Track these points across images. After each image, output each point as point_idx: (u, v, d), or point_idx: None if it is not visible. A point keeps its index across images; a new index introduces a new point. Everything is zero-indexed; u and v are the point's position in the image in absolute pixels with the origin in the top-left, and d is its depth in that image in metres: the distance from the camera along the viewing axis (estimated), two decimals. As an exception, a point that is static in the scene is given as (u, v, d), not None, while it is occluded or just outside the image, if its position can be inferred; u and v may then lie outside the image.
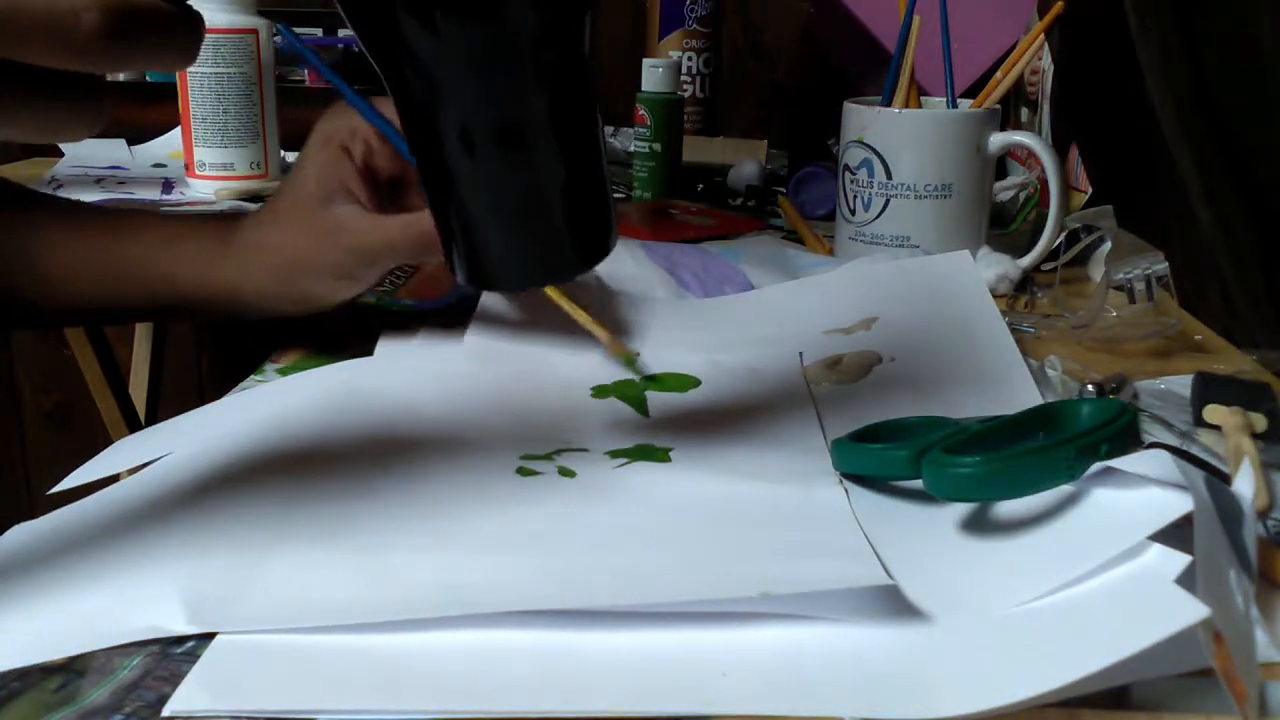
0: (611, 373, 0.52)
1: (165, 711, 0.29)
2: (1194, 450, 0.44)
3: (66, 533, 0.39)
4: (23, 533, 0.39)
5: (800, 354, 0.54)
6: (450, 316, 0.60)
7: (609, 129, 1.21)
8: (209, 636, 0.32)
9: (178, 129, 0.97)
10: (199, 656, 0.31)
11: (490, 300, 0.63)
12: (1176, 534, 0.31)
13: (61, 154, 1.07)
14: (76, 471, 0.45)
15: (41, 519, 0.40)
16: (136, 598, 0.34)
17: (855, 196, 0.70)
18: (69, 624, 0.33)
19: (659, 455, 0.44)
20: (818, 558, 0.35)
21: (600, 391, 0.50)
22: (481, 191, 0.37)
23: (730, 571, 0.34)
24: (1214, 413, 0.46)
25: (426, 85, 0.36)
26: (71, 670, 0.31)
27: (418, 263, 0.70)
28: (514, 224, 0.38)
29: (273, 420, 0.46)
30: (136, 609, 0.33)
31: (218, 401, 0.49)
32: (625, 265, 0.65)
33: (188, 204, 1.01)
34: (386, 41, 0.35)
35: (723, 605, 0.32)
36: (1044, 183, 0.71)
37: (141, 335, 1.50)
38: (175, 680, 0.30)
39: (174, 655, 0.32)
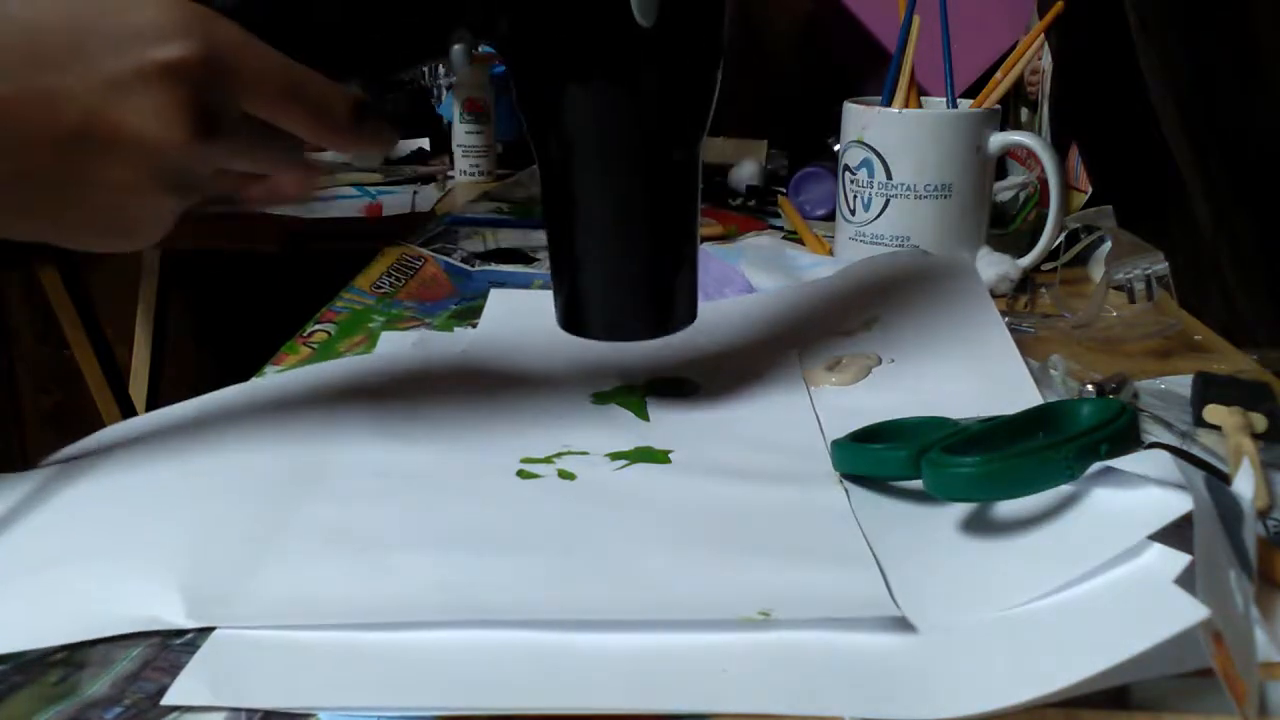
0: (612, 379, 0.52)
1: (163, 702, 0.29)
2: (1194, 450, 0.44)
3: (68, 522, 0.39)
4: (21, 506, 0.39)
5: (800, 356, 0.54)
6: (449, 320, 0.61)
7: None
8: (208, 628, 0.32)
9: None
10: (199, 648, 0.31)
11: (493, 308, 0.63)
12: (1176, 534, 0.31)
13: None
14: (70, 448, 0.45)
15: (45, 502, 0.40)
16: (137, 589, 0.34)
17: (855, 196, 0.70)
18: (69, 612, 0.33)
19: (659, 457, 0.44)
20: (819, 567, 0.35)
21: (600, 398, 0.50)
22: (594, 254, 0.46)
23: (732, 581, 0.34)
24: (1214, 413, 0.46)
25: (564, 152, 0.44)
26: (71, 663, 0.31)
27: None
28: (613, 285, 0.46)
29: (273, 417, 0.46)
30: (137, 600, 0.33)
31: (215, 392, 0.49)
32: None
33: (188, 205, 1.01)
34: (538, 109, 0.44)
35: (723, 627, 0.32)
36: (1044, 183, 0.71)
37: (141, 337, 1.50)
38: (174, 671, 0.30)
39: (173, 646, 0.32)
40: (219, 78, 0.35)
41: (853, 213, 0.71)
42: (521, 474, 0.42)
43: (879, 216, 0.69)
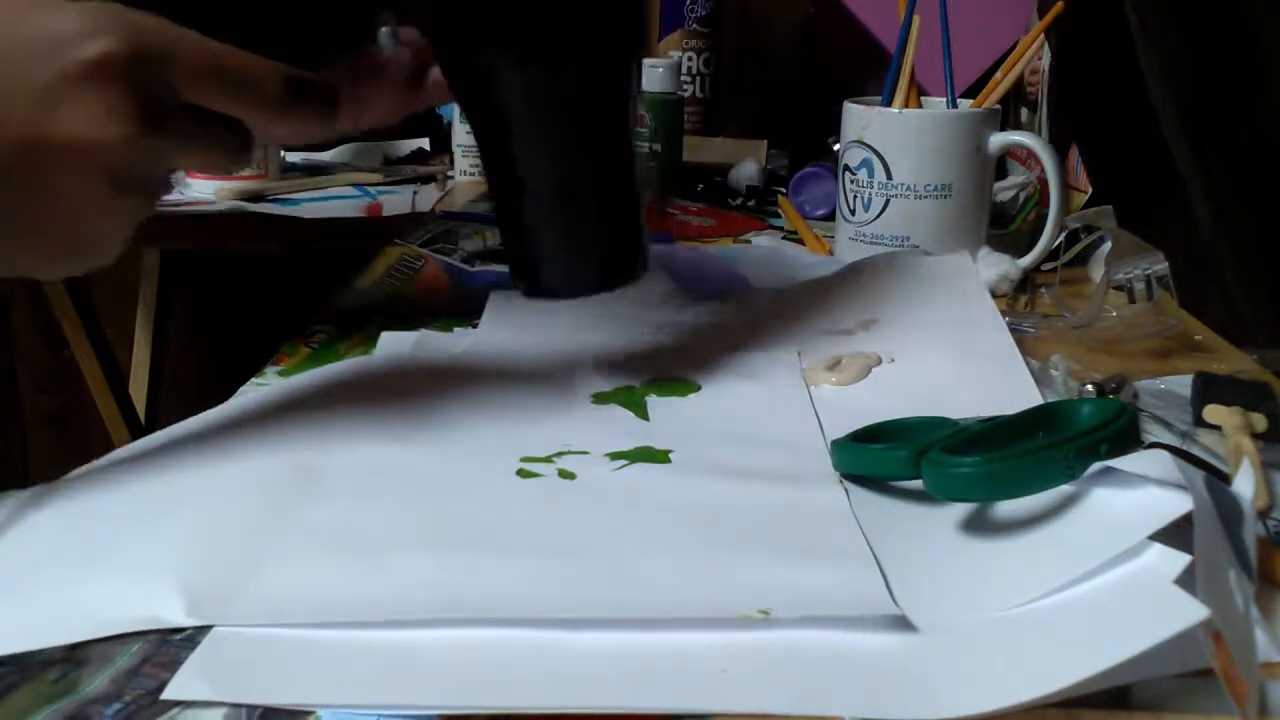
0: (612, 380, 0.52)
1: (163, 696, 0.29)
2: (1194, 450, 0.44)
3: (68, 523, 0.39)
4: (22, 514, 0.39)
5: (800, 355, 0.54)
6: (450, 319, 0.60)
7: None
8: (207, 625, 0.32)
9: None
10: (198, 643, 0.31)
11: (493, 307, 0.63)
12: (1176, 534, 0.31)
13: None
14: (75, 473, 0.45)
15: (44, 503, 0.40)
16: (136, 588, 0.34)
17: (855, 196, 0.70)
18: (69, 613, 0.33)
19: (659, 457, 0.44)
20: (819, 566, 0.35)
21: (601, 399, 0.50)
22: (539, 219, 0.47)
23: (731, 581, 0.34)
24: (1214, 413, 0.46)
25: (497, 121, 0.45)
26: (71, 660, 0.31)
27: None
28: (561, 248, 0.48)
29: (274, 418, 0.46)
30: (136, 599, 0.33)
31: (218, 407, 0.49)
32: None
33: (187, 204, 1.01)
34: (464, 84, 0.45)
35: (725, 624, 0.32)
36: (1044, 183, 0.71)
37: (141, 337, 1.50)
38: (174, 667, 0.30)
39: (173, 642, 0.32)
40: (149, 67, 0.35)
41: (853, 213, 0.71)
42: (522, 473, 0.42)
43: (879, 216, 0.69)
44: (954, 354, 0.53)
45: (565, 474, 0.42)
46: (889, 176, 0.68)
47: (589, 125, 0.46)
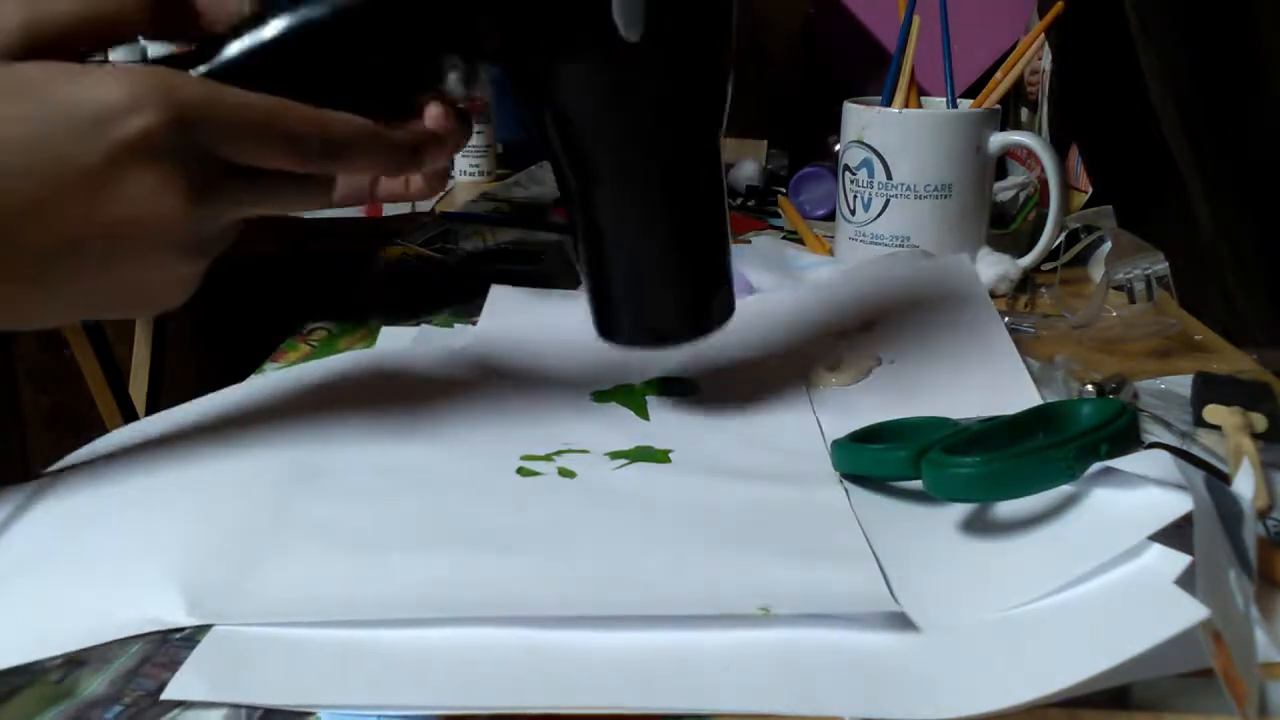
0: (612, 378, 0.52)
1: (163, 696, 0.29)
2: (1194, 450, 0.44)
3: (66, 524, 0.38)
4: (20, 514, 0.39)
5: (800, 356, 0.54)
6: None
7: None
8: (207, 624, 0.32)
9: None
10: (198, 643, 0.31)
11: (493, 305, 0.63)
12: (1176, 534, 0.31)
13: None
14: (72, 455, 0.45)
15: (42, 501, 0.39)
16: (136, 589, 0.34)
17: (855, 196, 0.70)
18: (70, 618, 0.33)
19: (659, 456, 0.44)
20: (819, 564, 0.35)
21: (601, 397, 0.50)
22: (623, 268, 0.45)
23: (732, 578, 0.34)
24: (1214, 413, 0.46)
25: (576, 168, 0.43)
26: (71, 661, 0.31)
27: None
28: (644, 297, 0.46)
29: (271, 415, 0.46)
30: (136, 603, 0.33)
31: (214, 394, 0.49)
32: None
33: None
34: (541, 127, 0.43)
35: (724, 622, 0.32)
36: (1044, 183, 0.71)
37: (141, 337, 1.50)
38: (173, 667, 0.30)
39: (172, 641, 0.32)
40: (191, 135, 0.34)
41: (853, 213, 0.71)
42: (521, 471, 0.42)
43: (879, 216, 0.69)
44: (954, 354, 0.53)
45: (565, 472, 0.42)
46: (889, 176, 0.68)
47: (671, 164, 0.44)
